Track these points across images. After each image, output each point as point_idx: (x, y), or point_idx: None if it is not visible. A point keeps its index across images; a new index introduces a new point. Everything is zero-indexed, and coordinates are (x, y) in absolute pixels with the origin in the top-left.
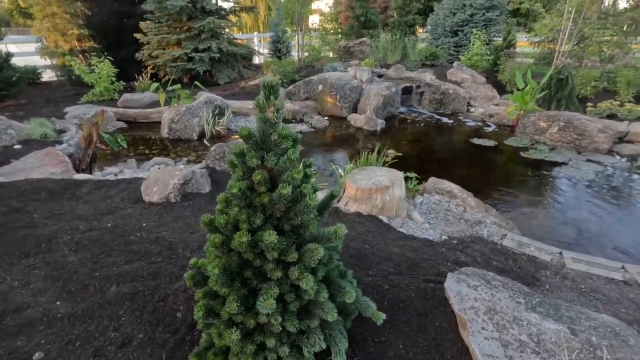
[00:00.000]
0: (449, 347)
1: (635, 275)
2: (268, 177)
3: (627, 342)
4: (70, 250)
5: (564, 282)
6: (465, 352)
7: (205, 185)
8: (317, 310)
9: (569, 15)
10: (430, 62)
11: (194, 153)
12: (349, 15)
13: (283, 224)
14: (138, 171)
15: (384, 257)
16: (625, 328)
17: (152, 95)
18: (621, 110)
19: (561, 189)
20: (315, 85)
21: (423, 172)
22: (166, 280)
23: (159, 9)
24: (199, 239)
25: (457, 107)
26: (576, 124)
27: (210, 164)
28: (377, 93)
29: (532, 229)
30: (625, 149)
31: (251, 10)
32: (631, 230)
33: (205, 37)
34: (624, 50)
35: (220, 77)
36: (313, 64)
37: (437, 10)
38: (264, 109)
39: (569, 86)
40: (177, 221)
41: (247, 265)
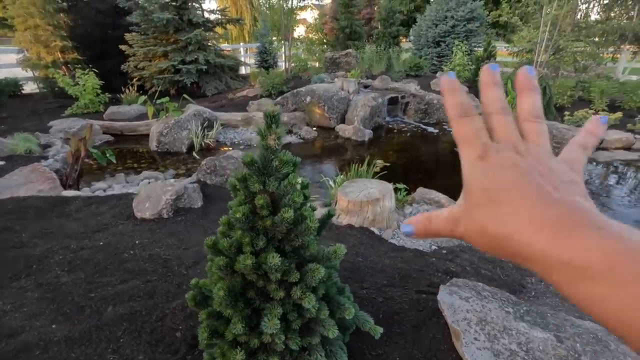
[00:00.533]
0: (444, 358)
1: None
2: (270, 201)
3: (608, 347)
4: (62, 271)
5: (548, 289)
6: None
7: (197, 200)
8: (318, 327)
9: (545, 28)
10: (415, 72)
11: (184, 166)
12: (334, 27)
13: (284, 245)
14: (128, 186)
15: (377, 269)
16: (605, 333)
17: (139, 107)
18: None
19: None
20: (303, 97)
21: (410, 181)
22: (163, 299)
23: (145, 21)
24: (193, 255)
25: (441, 117)
26: (555, 132)
27: (202, 178)
28: (364, 104)
29: None
30: (601, 156)
31: (237, 22)
32: None
33: (192, 49)
34: (597, 61)
35: (207, 89)
36: (300, 75)
37: (420, 22)
38: (266, 137)
39: (547, 96)
40: (170, 237)
41: (250, 286)
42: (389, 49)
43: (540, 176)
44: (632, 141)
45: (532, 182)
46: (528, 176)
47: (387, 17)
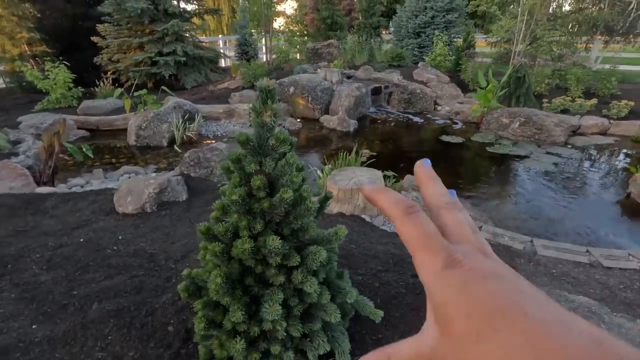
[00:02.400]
0: None
1: (599, 258)
2: (266, 182)
3: (602, 320)
4: (41, 270)
5: (537, 269)
6: None
7: (181, 193)
8: (319, 312)
9: (522, 17)
10: (397, 62)
11: (165, 160)
12: (315, 18)
13: (282, 228)
14: (106, 181)
15: (371, 255)
16: (599, 307)
17: (115, 101)
18: (573, 105)
19: (525, 180)
20: (286, 88)
21: (397, 170)
22: (151, 294)
23: (117, 12)
24: (180, 248)
25: (424, 106)
26: (535, 119)
27: (185, 170)
28: (348, 94)
29: (502, 219)
30: (579, 140)
31: (215, 12)
32: (587, 214)
33: (169, 41)
34: (571, 50)
35: (187, 81)
36: (282, 66)
37: (400, 13)
38: (261, 113)
39: (526, 84)
40: (155, 231)
41: (248, 272)
42: (370, 40)
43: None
44: (608, 126)
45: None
46: (516, 286)
47: (367, 8)
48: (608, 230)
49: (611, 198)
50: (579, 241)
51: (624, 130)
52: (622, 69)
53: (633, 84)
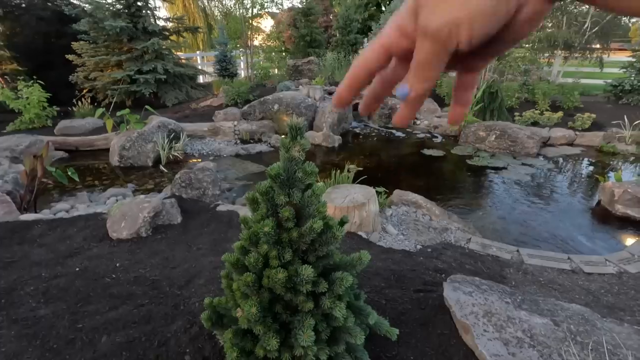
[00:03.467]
0: (455, 352)
1: (579, 264)
2: (294, 213)
3: (595, 326)
4: (38, 303)
5: (525, 277)
6: (471, 355)
7: (176, 215)
8: (344, 335)
9: None
10: None
11: (151, 181)
12: (293, 34)
13: (308, 256)
14: (93, 205)
15: (372, 272)
16: (590, 314)
17: (95, 121)
18: (542, 118)
19: (505, 191)
20: (270, 105)
21: (384, 184)
22: (161, 323)
23: (94, 29)
24: (182, 274)
25: None
26: (509, 132)
27: (177, 192)
28: (332, 110)
29: (488, 230)
30: (550, 151)
31: (195, 30)
32: (563, 222)
33: (149, 58)
34: (536, 65)
35: (167, 99)
36: (264, 83)
37: (375, 29)
38: (290, 148)
39: (499, 99)
40: (153, 257)
41: (277, 300)
42: (349, 56)
43: None
44: (574, 137)
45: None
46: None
47: (344, 25)
48: (583, 237)
49: (583, 206)
50: (559, 248)
51: (589, 141)
52: (582, 82)
53: (592, 96)
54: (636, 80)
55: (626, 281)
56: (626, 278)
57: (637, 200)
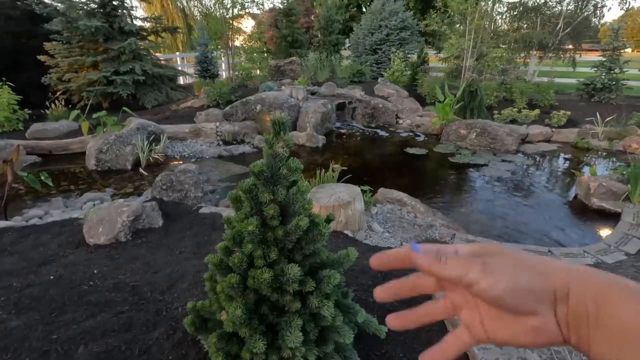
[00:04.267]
0: None
1: (559, 256)
2: (279, 211)
3: None
4: (9, 314)
5: None
6: None
7: (157, 219)
8: (332, 334)
9: (470, 36)
10: (358, 79)
11: (131, 184)
12: (275, 35)
13: (294, 254)
14: (68, 210)
15: (359, 270)
16: None
17: (69, 123)
18: (519, 115)
19: (487, 187)
20: (253, 106)
21: (369, 183)
22: (142, 330)
23: (68, 29)
24: (164, 278)
25: (387, 120)
26: (489, 130)
27: (158, 195)
28: (315, 110)
29: (471, 225)
30: (528, 148)
31: (174, 30)
32: (543, 215)
33: (126, 59)
34: (512, 65)
35: (146, 101)
36: (246, 83)
37: (357, 30)
38: (274, 144)
39: (478, 97)
40: (133, 262)
41: (263, 301)
42: (331, 57)
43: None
44: (551, 134)
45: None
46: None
47: (326, 26)
48: (563, 229)
49: (561, 200)
50: (540, 241)
51: (565, 137)
52: (556, 81)
53: (567, 95)
54: (606, 79)
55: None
56: (603, 268)
57: (611, 193)
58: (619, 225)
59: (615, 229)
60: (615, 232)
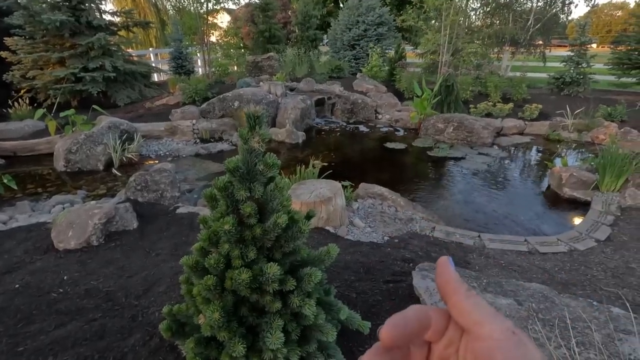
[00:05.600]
0: None
1: (535, 245)
2: (257, 208)
3: (554, 302)
4: None
5: (488, 261)
6: None
7: (131, 220)
8: (315, 333)
9: (446, 32)
10: (336, 74)
11: (103, 185)
12: (252, 31)
13: (274, 253)
14: (36, 215)
15: (342, 266)
16: (549, 290)
17: (35, 123)
18: (494, 109)
19: (464, 179)
20: (230, 102)
21: (350, 178)
22: (117, 337)
23: (30, 24)
24: (140, 282)
25: (366, 115)
26: (466, 123)
27: (132, 195)
28: (294, 106)
29: (450, 217)
30: (503, 141)
31: (146, 25)
32: (519, 205)
33: (95, 55)
34: (487, 60)
35: (118, 98)
36: (223, 80)
37: (334, 26)
38: (249, 139)
39: (455, 91)
40: (107, 266)
41: (242, 303)
42: (309, 52)
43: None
44: (524, 127)
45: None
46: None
47: (303, 22)
48: (537, 219)
49: (536, 190)
50: (516, 230)
51: (537, 130)
52: (528, 75)
53: (538, 89)
54: (575, 73)
55: (576, 258)
56: (576, 255)
57: (581, 183)
58: (589, 213)
59: (586, 217)
60: (586, 220)
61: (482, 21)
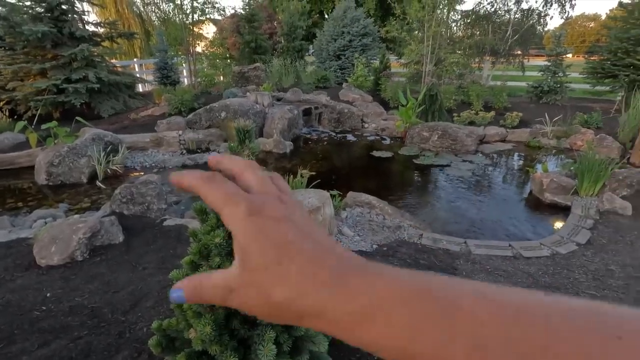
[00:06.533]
0: None
1: (520, 250)
2: None
3: None
4: None
5: (474, 266)
6: None
7: (117, 234)
8: (306, 344)
9: (429, 42)
10: (322, 84)
11: (87, 199)
12: (238, 41)
13: None
14: (16, 230)
15: None
16: None
17: (15, 136)
18: (477, 117)
19: (450, 187)
20: (217, 113)
21: (338, 187)
22: (104, 355)
23: (10, 34)
24: (127, 297)
25: (353, 124)
26: (450, 132)
27: (117, 209)
28: (282, 116)
29: (437, 224)
30: (486, 148)
31: (130, 36)
32: (503, 211)
33: (78, 66)
34: (468, 69)
35: (102, 110)
36: (209, 90)
37: (320, 37)
38: (239, 153)
39: (438, 101)
40: (92, 282)
41: (234, 315)
42: (295, 63)
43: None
44: (505, 134)
45: (306, 235)
46: (300, 229)
47: (289, 32)
48: (521, 224)
49: (518, 196)
50: (501, 236)
51: (518, 137)
52: (509, 84)
53: (518, 97)
54: (552, 82)
55: (559, 262)
56: (559, 259)
57: (562, 188)
58: (570, 218)
59: (567, 221)
60: (567, 224)
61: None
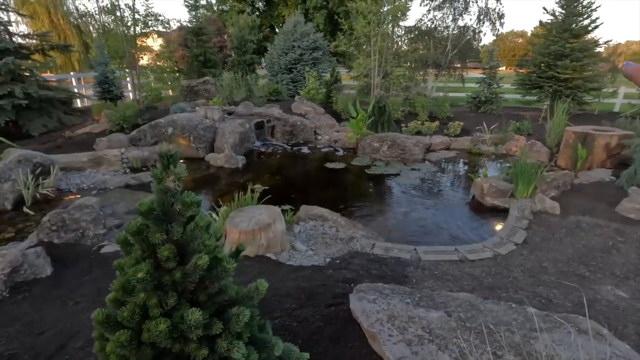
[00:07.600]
0: None
1: (465, 253)
2: (175, 250)
3: (479, 309)
4: None
5: (424, 273)
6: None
7: (44, 267)
8: None
9: (375, 57)
10: (275, 97)
11: (12, 228)
12: (186, 54)
13: (198, 295)
14: None
15: (283, 294)
16: (475, 299)
17: None
18: (423, 127)
19: (400, 195)
20: (163, 129)
21: (291, 201)
22: None
23: None
24: (52, 339)
25: (306, 137)
26: (399, 142)
27: (45, 238)
28: (233, 130)
29: (389, 232)
30: (433, 156)
31: (65, 49)
32: (448, 215)
33: (3, 81)
34: (414, 82)
35: (32, 128)
36: (155, 105)
37: (271, 50)
38: (163, 179)
39: (387, 112)
40: (11, 324)
41: (164, 355)
42: (246, 76)
43: None
44: (449, 142)
45: None
46: None
47: (240, 46)
48: (465, 227)
49: (463, 200)
50: (447, 239)
51: (461, 145)
52: (450, 95)
53: (459, 107)
54: (488, 93)
55: (500, 262)
56: (500, 260)
57: (500, 192)
58: (508, 219)
59: (505, 222)
60: (506, 225)
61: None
